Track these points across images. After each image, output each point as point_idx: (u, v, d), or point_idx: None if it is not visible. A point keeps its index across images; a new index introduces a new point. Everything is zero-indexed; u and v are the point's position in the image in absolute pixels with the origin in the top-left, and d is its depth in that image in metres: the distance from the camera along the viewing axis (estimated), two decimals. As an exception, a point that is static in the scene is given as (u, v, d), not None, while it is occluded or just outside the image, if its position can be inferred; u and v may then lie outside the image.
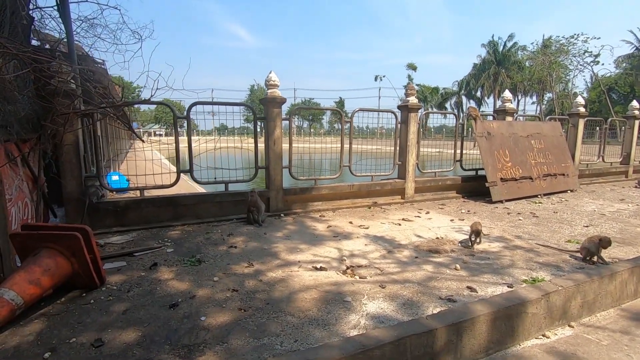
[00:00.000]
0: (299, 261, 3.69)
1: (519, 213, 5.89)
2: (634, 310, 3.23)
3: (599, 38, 55.00)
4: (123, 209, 4.65)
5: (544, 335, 2.78)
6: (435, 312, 2.63)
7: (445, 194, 7.05)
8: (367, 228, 4.91)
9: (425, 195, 6.86)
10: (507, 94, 7.80)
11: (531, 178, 7.27)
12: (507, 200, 6.72)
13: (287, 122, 5.65)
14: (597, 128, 10.35)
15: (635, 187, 8.61)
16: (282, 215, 5.43)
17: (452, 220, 5.40)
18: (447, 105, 60.65)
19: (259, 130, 5.52)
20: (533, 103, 52.79)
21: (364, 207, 6.12)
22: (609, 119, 9.82)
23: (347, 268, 3.58)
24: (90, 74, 4.59)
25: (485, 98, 54.79)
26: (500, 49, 53.27)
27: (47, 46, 4.38)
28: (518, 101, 52.08)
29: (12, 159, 3.56)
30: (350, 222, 5.18)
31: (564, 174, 7.89)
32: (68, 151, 4.19)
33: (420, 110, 6.59)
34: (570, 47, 45.61)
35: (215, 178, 5.18)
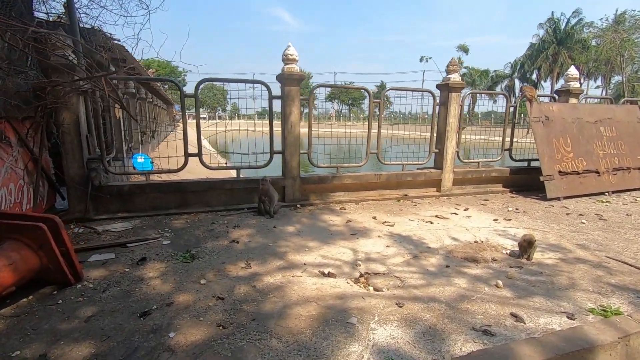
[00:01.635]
0: (304, 263, 3.16)
1: (580, 214, 4.90)
2: None
3: (686, 10, 47.61)
4: (128, 194, 4.37)
5: (619, 392, 2.04)
6: (464, 350, 1.99)
7: (489, 187, 6.14)
8: (391, 225, 4.26)
9: (466, 188, 6.00)
10: (572, 70, 6.58)
11: (597, 172, 6.12)
12: (565, 198, 5.69)
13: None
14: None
15: None
16: (298, 205, 4.91)
17: (495, 220, 4.57)
18: (498, 89, 56.38)
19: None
20: (597, 87, 47.44)
21: (393, 200, 5.43)
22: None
23: (361, 275, 2.99)
24: (98, 48, 4.28)
25: (542, 82, 50.10)
26: (563, 26, 48.17)
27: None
28: (580, 84, 47.00)
29: (3, 138, 3.33)
30: (374, 218, 4.54)
31: (639, 168, 6.60)
32: (68, 131, 3.92)
33: (463, 90, 5.69)
34: (649, 22, 40.03)
35: (226, 163, 4.75)
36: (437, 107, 5.66)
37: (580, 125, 6.24)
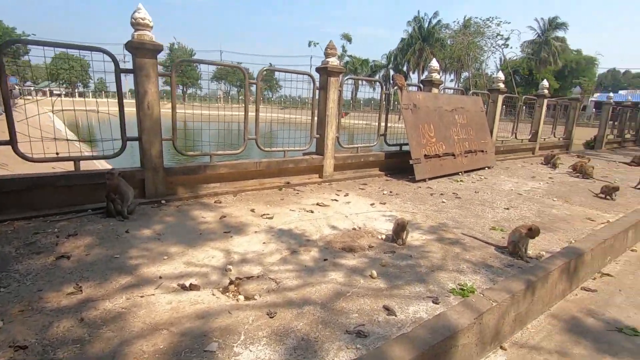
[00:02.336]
0: (160, 276, 2.59)
1: (441, 194, 5.45)
2: (564, 315, 2.82)
3: (509, 22, 60.06)
4: None
5: (474, 369, 2.15)
6: (337, 363, 1.79)
7: (367, 171, 6.39)
8: (271, 218, 3.95)
9: (346, 173, 6.11)
10: (434, 63, 7.27)
11: (454, 155, 6.97)
12: (430, 179, 6.30)
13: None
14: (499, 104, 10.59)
15: (542, 163, 9.00)
16: (162, 202, 4.18)
17: (372, 204, 4.70)
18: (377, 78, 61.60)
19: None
20: (451, 81, 56.21)
21: (275, 189, 5.13)
22: (524, 96, 10.12)
23: (231, 282, 2.59)
24: None
25: (411, 73, 56.70)
26: (426, 25, 55.06)
27: None
28: (439, 77, 54.93)
29: None
30: (252, 210, 4.16)
31: (482, 151, 7.80)
32: None
33: (342, 75, 5.66)
34: (486, 29, 48.86)
35: (57, 153, 3.69)
36: (317, 92, 5.52)
37: (440, 113, 6.97)
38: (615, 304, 2.99)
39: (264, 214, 4.04)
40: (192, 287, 2.48)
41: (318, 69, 5.53)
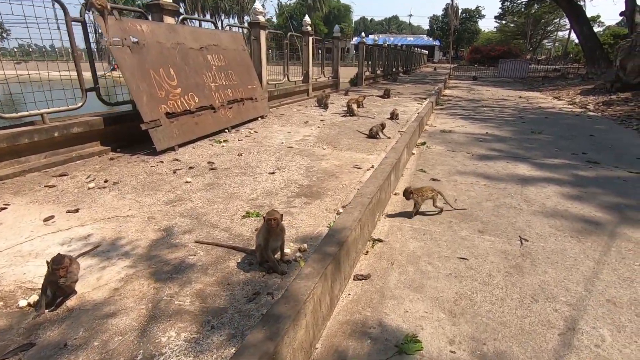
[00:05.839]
0: None
1: (191, 167, 3.89)
2: (333, 356, 1.85)
3: (279, -35, 60.89)
4: None
5: None
6: None
7: (76, 150, 4.07)
8: None
9: (28, 161, 3.63)
10: (157, -22, 5.15)
11: (213, 108, 5.43)
12: (181, 146, 4.60)
13: None
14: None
15: (316, 105, 8.75)
16: None
17: (49, 218, 2.64)
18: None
19: None
20: (235, 25, 54.00)
21: None
22: (289, 34, 9.37)
23: None
24: None
25: (190, 15, 50.79)
26: (195, -42, 49.11)
27: None
28: (222, 22, 51.66)
29: None
30: None
31: (252, 98, 6.60)
32: None
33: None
34: (258, -31, 47.75)
35: None
36: None
37: (184, 53, 5.14)
38: (391, 290, 2.28)
39: None
40: None
41: None
